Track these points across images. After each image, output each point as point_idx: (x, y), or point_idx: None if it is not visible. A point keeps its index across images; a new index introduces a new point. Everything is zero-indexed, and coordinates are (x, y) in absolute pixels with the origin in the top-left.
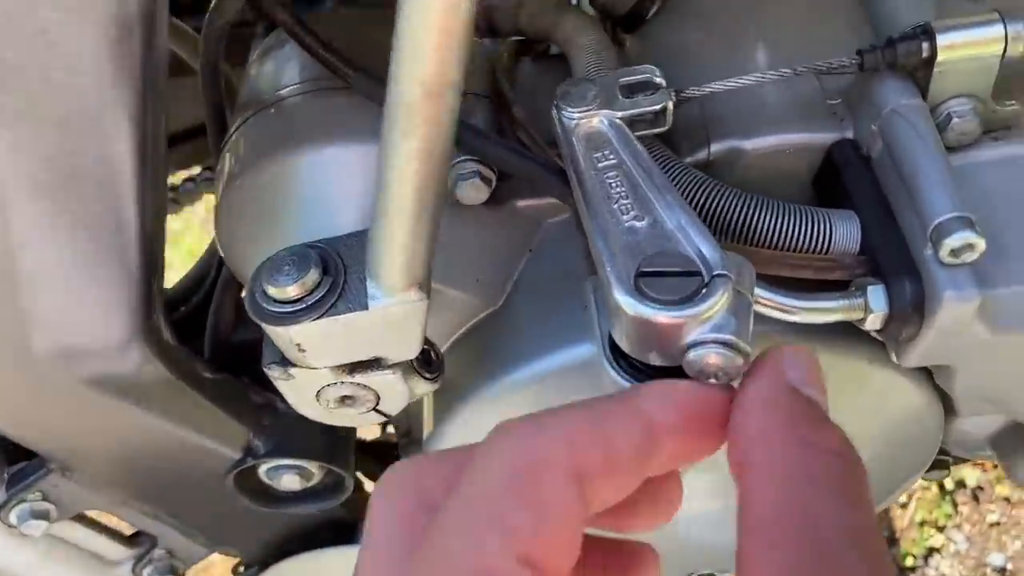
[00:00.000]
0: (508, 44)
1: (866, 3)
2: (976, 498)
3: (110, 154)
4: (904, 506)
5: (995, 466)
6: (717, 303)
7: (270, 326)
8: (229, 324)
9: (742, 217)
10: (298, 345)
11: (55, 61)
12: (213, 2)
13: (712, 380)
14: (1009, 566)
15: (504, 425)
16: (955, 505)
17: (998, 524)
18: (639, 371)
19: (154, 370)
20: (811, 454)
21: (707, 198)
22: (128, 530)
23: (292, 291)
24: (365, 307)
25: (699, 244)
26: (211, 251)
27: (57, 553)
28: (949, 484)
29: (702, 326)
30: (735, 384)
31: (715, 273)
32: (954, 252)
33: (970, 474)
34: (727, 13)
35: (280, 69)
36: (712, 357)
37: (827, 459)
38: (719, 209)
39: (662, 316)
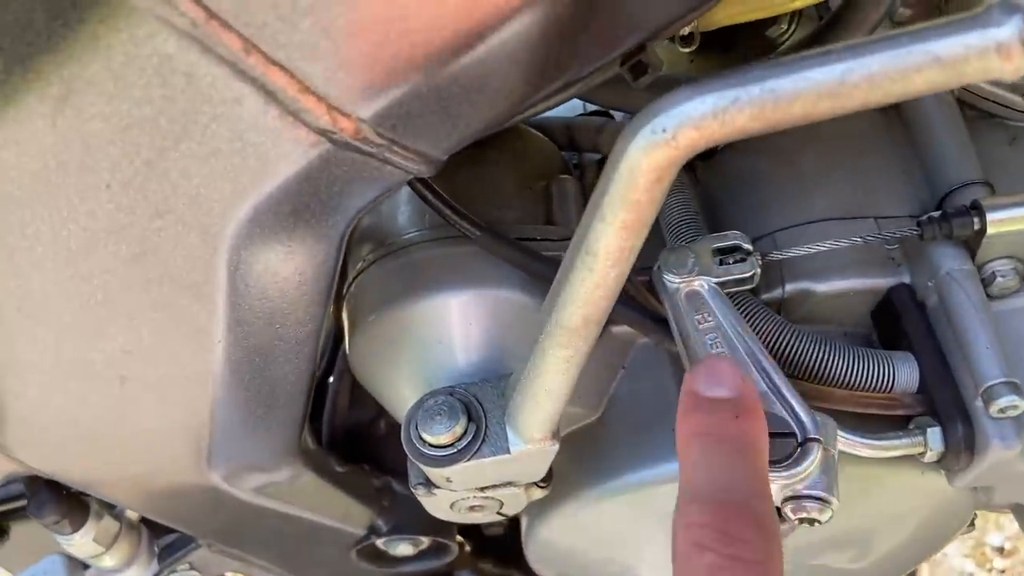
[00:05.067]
0: (594, 176)
1: (918, 151)
2: None
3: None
4: None
5: None
6: (811, 466)
7: (429, 468)
8: (345, 410)
9: (818, 360)
10: (447, 478)
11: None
12: None
13: (805, 526)
14: (1007, 545)
15: None
16: None
17: None
18: None
19: (302, 476)
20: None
21: (788, 342)
22: None
23: (445, 438)
24: (507, 451)
25: (793, 404)
26: (326, 333)
27: None
28: None
29: (800, 483)
30: None
31: (809, 436)
32: (1002, 410)
33: None
34: (788, 151)
35: (395, 211)
36: (806, 510)
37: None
38: (799, 352)
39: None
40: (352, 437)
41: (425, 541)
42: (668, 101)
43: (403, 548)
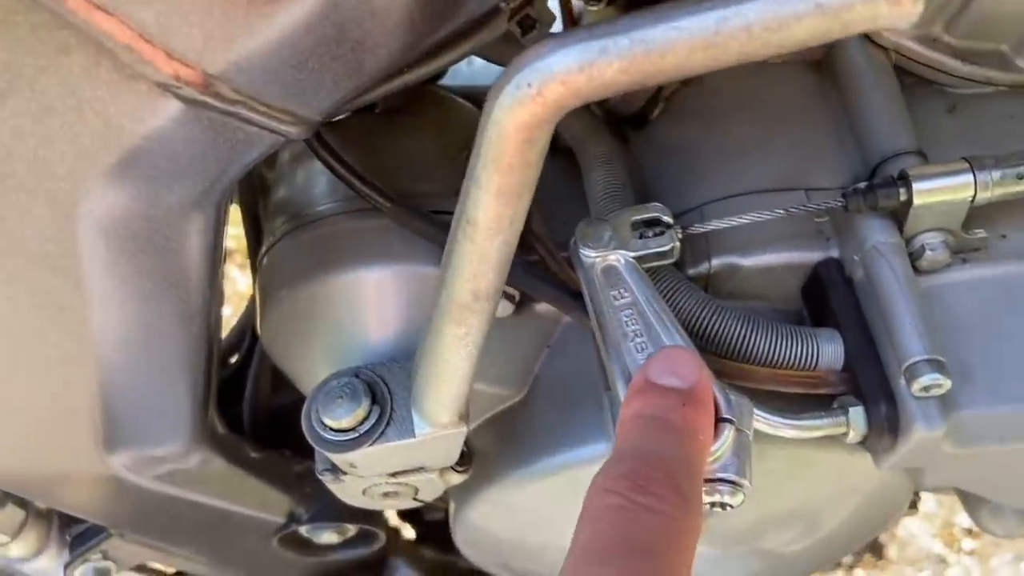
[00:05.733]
0: None
1: (852, 119)
2: None
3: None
4: None
5: None
6: (722, 446)
7: (331, 453)
8: (267, 392)
9: (740, 338)
10: (351, 463)
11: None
12: None
13: (716, 510)
14: (975, 527)
15: None
16: None
17: None
18: None
19: (212, 462)
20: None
21: (710, 319)
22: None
23: (347, 421)
24: (412, 435)
25: None
26: (248, 313)
27: None
28: None
29: (710, 465)
30: None
31: (721, 417)
32: (924, 388)
33: None
34: (723, 119)
35: (311, 182)
36: (717, 494)
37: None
38: (721, 330)
39: None
40: (276, 420)
41: (351, 528)
42: (532, 55)
43: (327, 536)
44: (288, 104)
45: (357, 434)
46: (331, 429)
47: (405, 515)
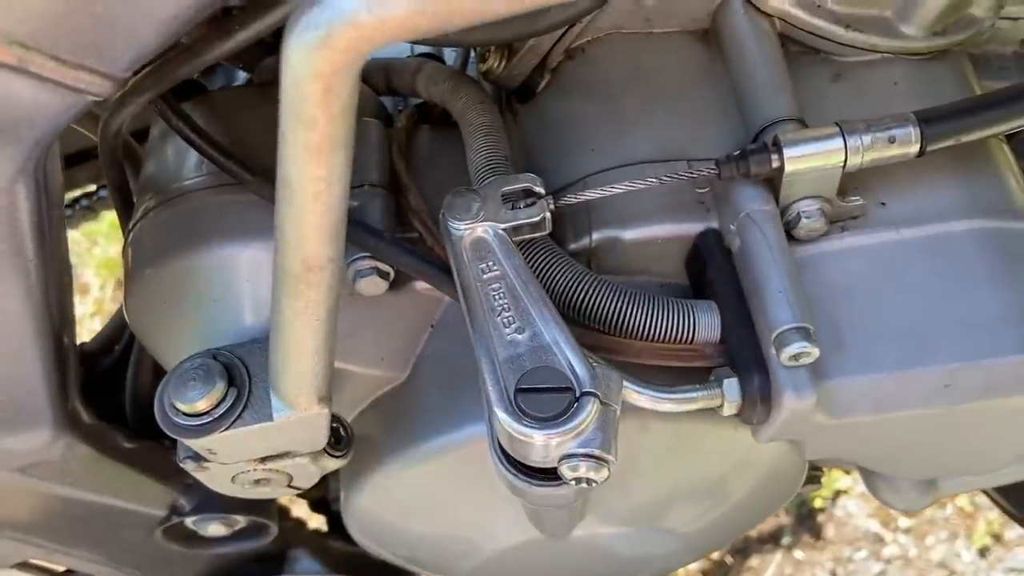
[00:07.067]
0: (405, 119)
1: (735, 87)
2: None
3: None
4: None
5: None
6: (585, 420)
7: (185, 438)
8: (148, 382)
9: (617, 311)
10: (209, 449)
11: None
12: (109, 108)
13: (583, 486)
14: None
15: None
16: None
17: None
18: (523, 469)
19: (78, 452)
20: None
21: (586, 293)
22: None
23: (200, 405)
24: (270, 418)
25: (571, 359)
26: None
27: None
28: None
29: (573, 440)
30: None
31: (584, 391)
32: (793, 357)
33: None
34: (608, 91)
35: (180, 157)
36: (581, 469)
37: None
38: (597, 304)
39: (537, 435)
40: None
41: (241, 520)
42: None
43: (215, 528)
44: (83, 58)
45: (211, 418)
46: (184, 414)
47: (316, 506)
